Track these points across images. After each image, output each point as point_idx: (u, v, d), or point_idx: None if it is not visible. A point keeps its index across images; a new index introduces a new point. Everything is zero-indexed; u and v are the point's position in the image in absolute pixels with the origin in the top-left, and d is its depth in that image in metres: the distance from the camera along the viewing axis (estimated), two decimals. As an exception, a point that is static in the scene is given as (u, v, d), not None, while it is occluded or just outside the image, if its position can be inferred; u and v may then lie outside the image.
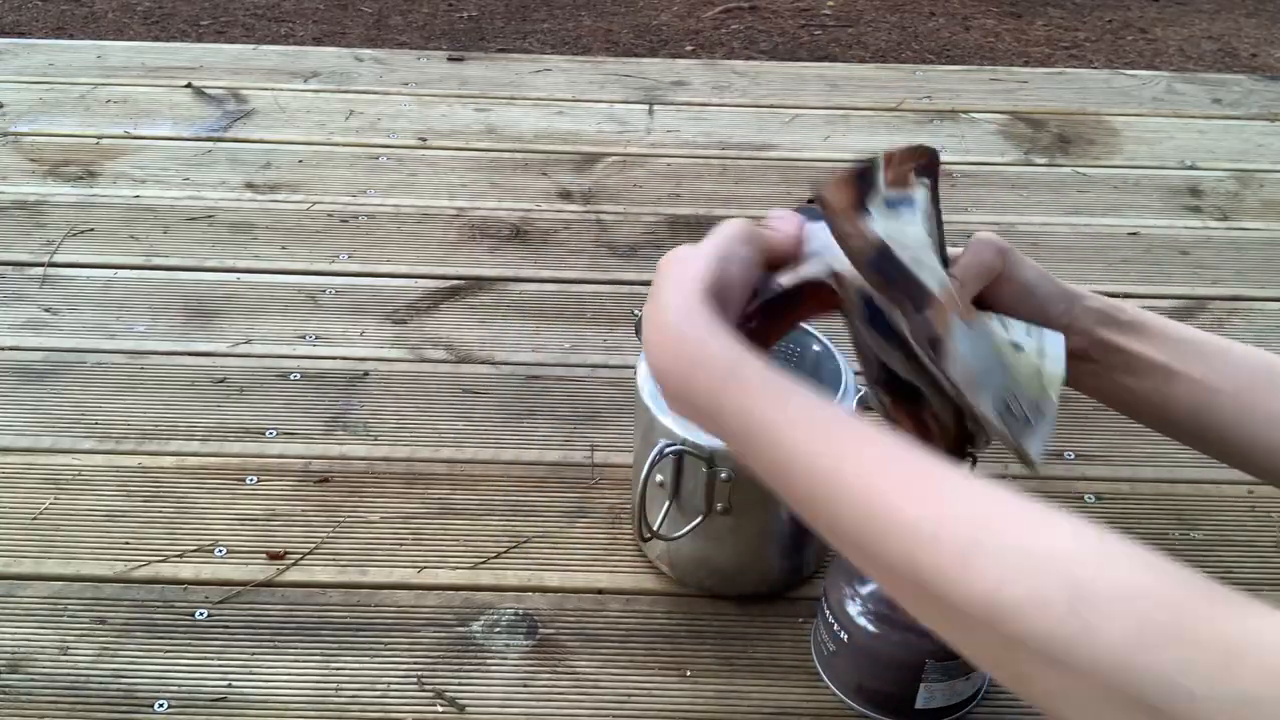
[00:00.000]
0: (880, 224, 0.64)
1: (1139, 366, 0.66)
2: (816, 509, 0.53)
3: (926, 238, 0.64)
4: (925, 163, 0.70)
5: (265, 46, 1.83)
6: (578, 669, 0.84)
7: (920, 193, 0.68)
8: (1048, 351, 0.64)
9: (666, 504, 0.85)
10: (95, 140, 1.53)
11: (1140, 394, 0.66)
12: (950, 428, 0.63)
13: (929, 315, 0.60)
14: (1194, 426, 0.65)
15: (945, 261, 0.68)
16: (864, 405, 0.83)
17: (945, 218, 0.73)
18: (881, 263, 0.62)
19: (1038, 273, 0.68)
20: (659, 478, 0.84)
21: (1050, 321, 0.67)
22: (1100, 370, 0.67)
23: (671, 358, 0.59)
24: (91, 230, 1.34)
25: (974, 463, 0.77)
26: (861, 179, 0.66)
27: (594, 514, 0.98)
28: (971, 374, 0.60)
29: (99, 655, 0.84)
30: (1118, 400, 0.68)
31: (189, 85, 1.67)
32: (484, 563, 0.93)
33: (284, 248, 1.32)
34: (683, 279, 0.60)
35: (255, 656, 0.84)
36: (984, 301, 0.67)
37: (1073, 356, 0.67)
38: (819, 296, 0.66)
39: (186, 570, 0.91)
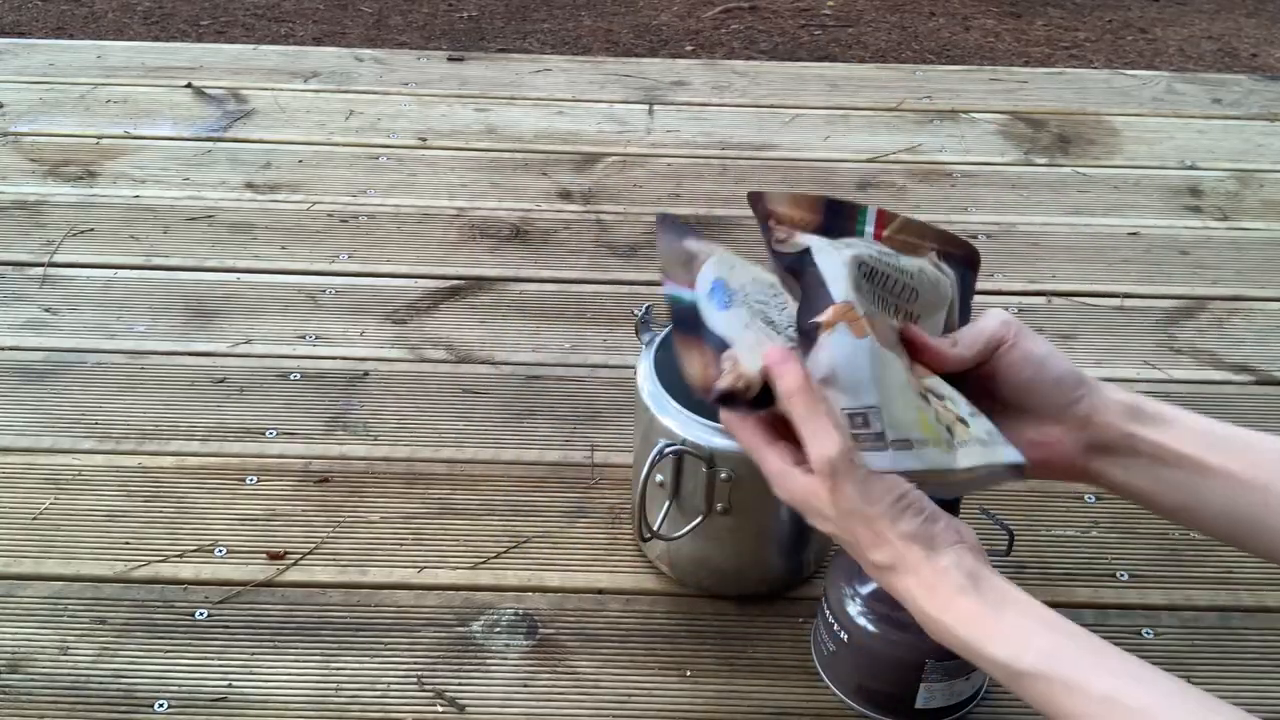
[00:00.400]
0: (817, 239, 0.66)
1: (1170, 459, 0.65)
2: None
3: (870, 264, 0.66)
4: (959, 255, 0.71)
5: (265, 46, 1.83)
6: (578, 669, 0.84)
7: (920, 260, 0.68)
8: (989, 448, 0.64)
9: (666, 504, 0.85)
10: (95, 140, 1.53)
11: (1171, 485, 0.66)
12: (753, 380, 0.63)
13: (815, 318, 0.62)
14: (1227, 519, 0.65)
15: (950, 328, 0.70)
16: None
17: (945, 219, 0.73)
18: (796, 261, 0.64)
19: (1050, 350, 0.67)
20: (659, 478, 0.84)
21: (1064, 406, 0.66)
22: (1130, 463, 0.66)
23: (955, 648, 0.60)
24: (91, 230, 1.34)
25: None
26: (831, 210, 0.68)
27: (594, 514, 0.98)
28: (832, 372, 0.61)
29: (99, 655, 0.84)
30: (1144, 494, 0.67)
31: (189, 85, 1.67)
32: (484, 563, 0.93)
33: (284, 248, 1.32)
34: (912, 565, 0.60)
35: (255, 656, 0.84)
36: (991, 375, 0.67)
37: (1099, 451, 0.67)
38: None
39: (186, 570, 0.91)
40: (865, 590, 0.79)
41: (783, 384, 0.61)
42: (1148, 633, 0.89)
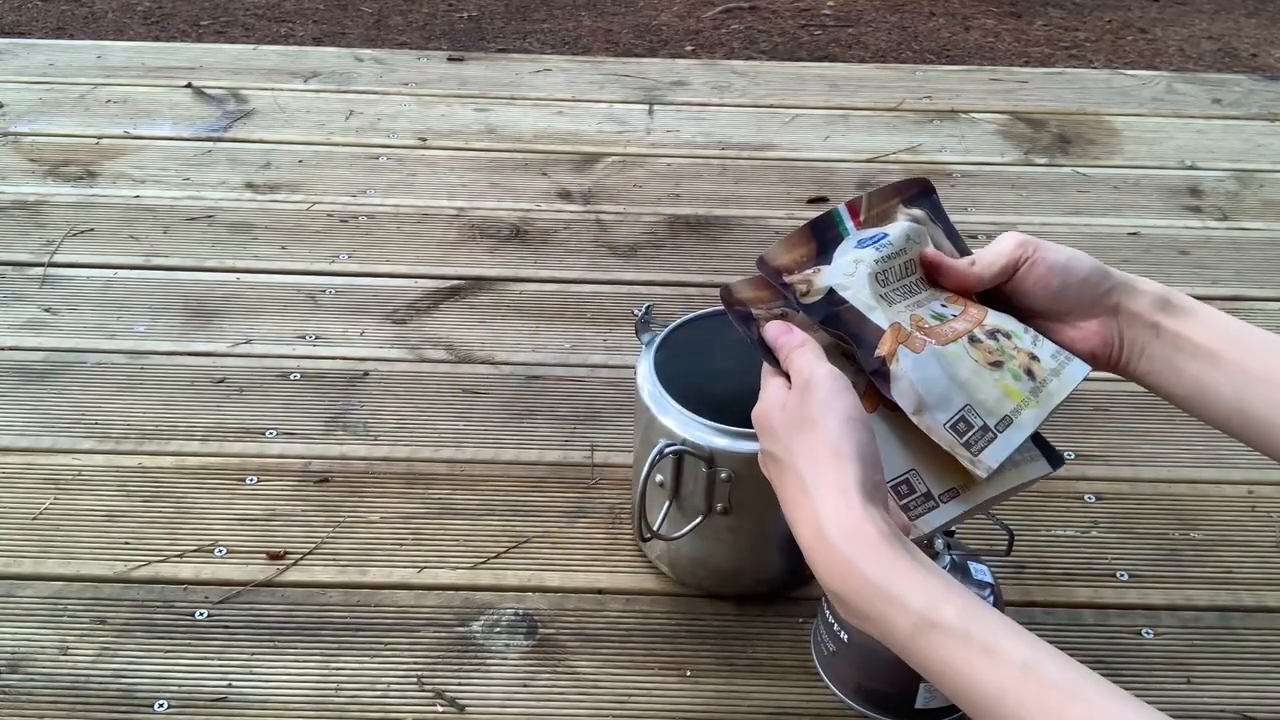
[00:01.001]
0: (832, 273, 0.68)
1: (1188, 348, 0.67)
2: None
3: (880, 270, 0.68)
4: (916, 192, 0.73)
5: (265, 46, 1.83)
6: (578, 669, 0.84)
7: (899, 226, 0.71)
8: (1063, 374, 0.67)
9: (666, 504, 0.85)
10: (95, 140, 1.53)
11: (1186, 376, 0.68)
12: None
13: (875, 352, 0.64)
14: (1235, 413, 0.66)
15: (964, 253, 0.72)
16: None
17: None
18: (828, 309, 0.66)
19: (1071, 253, 0.69)
20: (659, 478, 0.84)
21: (1096, 300, 0.69)
22: (1151, 353, 0.69)
23: (855, 592, 0.56)
24: (91, 230, 1.34)
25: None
26: (818, 230, 0.69)
27: (594, 514, 0.98)
28: (918, 398, 0.63)
29: (99, 655, 0.84)
30: (1163, 383, 0.69)
31: (189, 85, 1.67)
32: (484, 563, 0.93)
33: (284, 248, 1.32)
34: (836, 487, 0.58)
35: (255, 656, 0.84)
36: (1024, 292, 0.70)
37: (1127, 340, 0.69)
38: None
39: (186, 570, 0.91)
40: (865, 590, 0.79)
41: (783, 349, 0.64)
42: (1148, 633, 0.89)
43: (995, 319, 0.68)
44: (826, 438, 0.59)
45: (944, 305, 0.69)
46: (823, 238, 0.70)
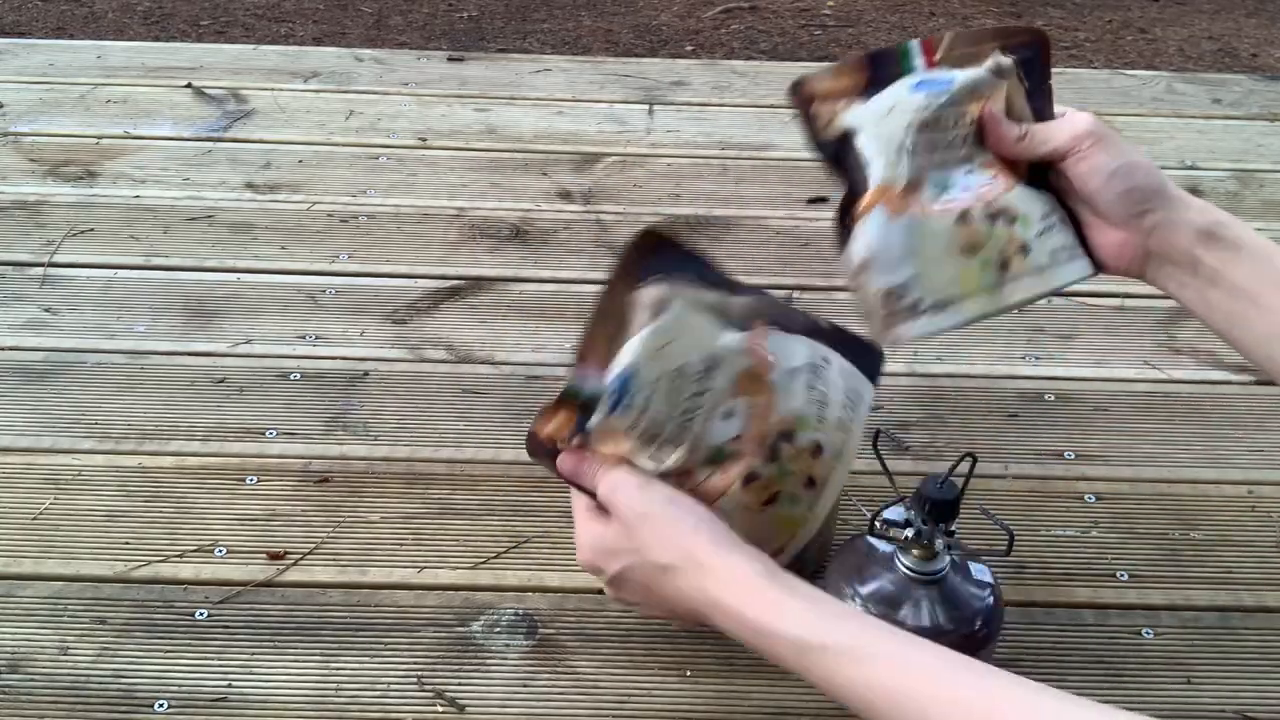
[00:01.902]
0: (858, 114, 0.65)
1: (1225, 286, 0.68)
2: None
3: (921, 119, 0.66)
4: (1024, 41, 0.71)
5: (265, 46, 1.83)
6: (578, 669, 0.84)
7: (970, 72, 0.67)
8: (1048, 273, 0.67)
9: (666, 504, 0.85)
10: (95, 140, 1.53)
11: (1221, 310, 0.68)
12: None
13: (855, 206, 0.64)
14: (1267, 353, 0.67)
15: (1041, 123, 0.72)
16: None
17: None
18: (838, 148, 0.65)
19: (1126, 164, 0.69)
20: (659, 478, 0.84)
21: (1129, 217, 0.68)
22: (1186, 280, 0.69)
23: (748, 637, 0.62)
24: (91, 230, 1.34)
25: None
26: (877, 63, 0.67)
27: (594, 514, 0.97)
28: (865, 258, 0.63)
29: (99, 655, 0.84)
30: (1195, 309, 0.70)
31: (189, 85, 1.67)
32: (484, 563, 0.93)
33: (284, 248, 1.32)
34: (700, 551, 0.63)
35: (255, 656, 0.84)
36: (1064, 175, 0.70)
37: (1160, 261, 0.69)
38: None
39: (186, 570, 0.91)
40: (865, 590, 0.79)
41: (585, 477, 0.67)
42: (1148, 633, 0.89)
43: (1014, 197, 0.66)
44: (665, 521, 0.63)
45: (968, 173, 0.67)
46: (880, 72, 0.67)
